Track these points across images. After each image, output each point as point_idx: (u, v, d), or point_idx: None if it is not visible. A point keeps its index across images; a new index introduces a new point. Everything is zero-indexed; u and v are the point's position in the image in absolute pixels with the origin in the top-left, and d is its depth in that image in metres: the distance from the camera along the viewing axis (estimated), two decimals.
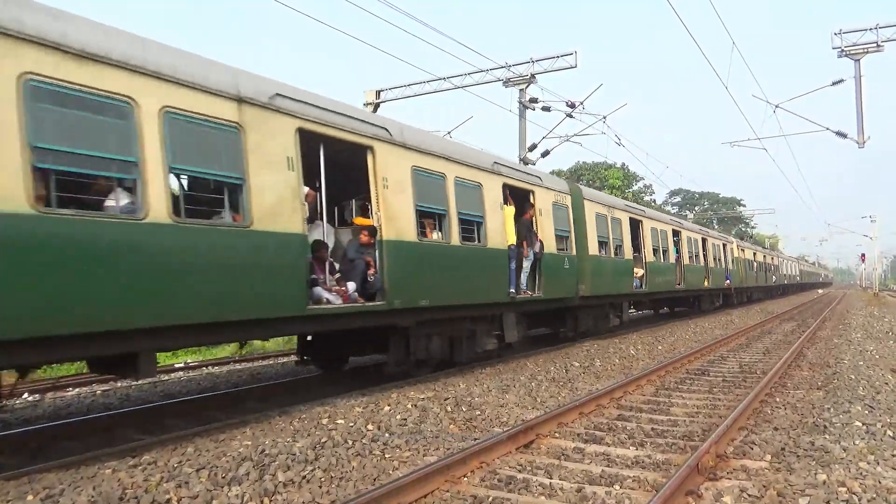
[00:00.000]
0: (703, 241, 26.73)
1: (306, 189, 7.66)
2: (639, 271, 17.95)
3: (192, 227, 6.11)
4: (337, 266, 8.81)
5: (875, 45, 18.54)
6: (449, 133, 19.09)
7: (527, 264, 12.07)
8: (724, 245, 30.93)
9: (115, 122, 5.53)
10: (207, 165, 6.33)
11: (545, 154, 20.62)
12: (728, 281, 30.11)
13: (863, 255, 68.82)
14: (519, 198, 12.16)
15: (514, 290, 11.40)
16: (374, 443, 6.11)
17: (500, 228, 11.05)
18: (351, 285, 8.37)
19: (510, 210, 11.52)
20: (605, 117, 20.83)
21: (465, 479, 5.12)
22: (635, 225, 18.66)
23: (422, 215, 9.24)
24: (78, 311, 5.17)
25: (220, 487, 4.86)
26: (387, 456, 5.78)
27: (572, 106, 19.91)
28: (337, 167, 8.38)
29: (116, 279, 5.40)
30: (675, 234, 22.50)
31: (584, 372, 10.77)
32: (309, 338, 10.35)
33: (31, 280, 4.86)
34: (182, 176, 6.66)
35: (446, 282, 9.63)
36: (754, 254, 39.64)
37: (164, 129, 5.82)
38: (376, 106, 21.07)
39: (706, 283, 25.60)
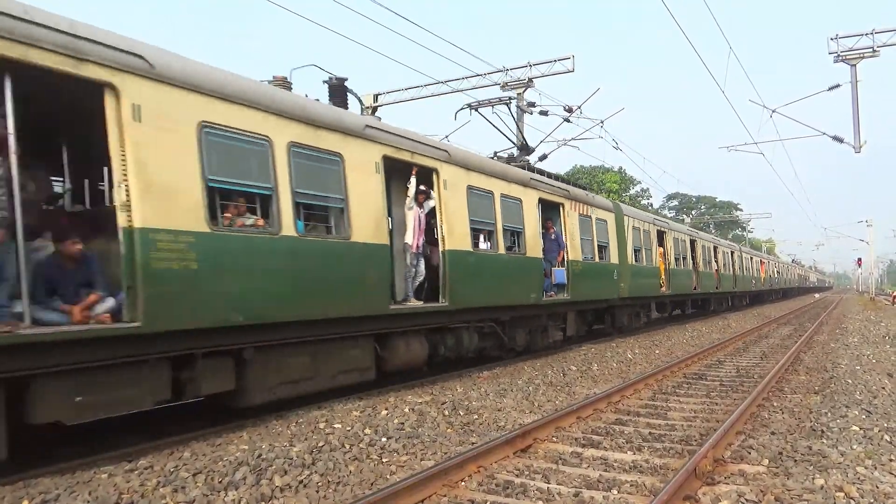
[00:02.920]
0: (559, 207, 13.75)
1: None
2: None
3: None
4: None
5: (871, 50, 18.65)
6: (447, 137, 19.10)
7: None
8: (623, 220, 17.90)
9: None
10: None
11: (543, 158, 20.67)
12: (617, 294, 16.54)
13: (859, 259, 68.94)
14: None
15: None
16: (371, 447, 6.10)
17: None
18: None
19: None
20: (602, 121, 20.89)
21: (463, 483, 5.11)
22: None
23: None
24: None
25: (216, 492, 4.85)
26: (384, 460, 5.77)
27: (570, 110, 19.97)
28: None
29: None
30: (427, 173, 9.68)
31: (581, 376, 10.78)
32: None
33: None
34: None
35: None
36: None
37: None
38: (374, 109, 21.09)
39: (570, 293, 13.58)
